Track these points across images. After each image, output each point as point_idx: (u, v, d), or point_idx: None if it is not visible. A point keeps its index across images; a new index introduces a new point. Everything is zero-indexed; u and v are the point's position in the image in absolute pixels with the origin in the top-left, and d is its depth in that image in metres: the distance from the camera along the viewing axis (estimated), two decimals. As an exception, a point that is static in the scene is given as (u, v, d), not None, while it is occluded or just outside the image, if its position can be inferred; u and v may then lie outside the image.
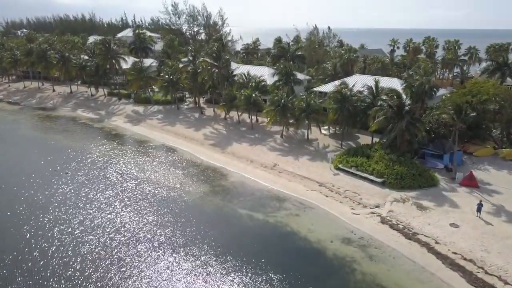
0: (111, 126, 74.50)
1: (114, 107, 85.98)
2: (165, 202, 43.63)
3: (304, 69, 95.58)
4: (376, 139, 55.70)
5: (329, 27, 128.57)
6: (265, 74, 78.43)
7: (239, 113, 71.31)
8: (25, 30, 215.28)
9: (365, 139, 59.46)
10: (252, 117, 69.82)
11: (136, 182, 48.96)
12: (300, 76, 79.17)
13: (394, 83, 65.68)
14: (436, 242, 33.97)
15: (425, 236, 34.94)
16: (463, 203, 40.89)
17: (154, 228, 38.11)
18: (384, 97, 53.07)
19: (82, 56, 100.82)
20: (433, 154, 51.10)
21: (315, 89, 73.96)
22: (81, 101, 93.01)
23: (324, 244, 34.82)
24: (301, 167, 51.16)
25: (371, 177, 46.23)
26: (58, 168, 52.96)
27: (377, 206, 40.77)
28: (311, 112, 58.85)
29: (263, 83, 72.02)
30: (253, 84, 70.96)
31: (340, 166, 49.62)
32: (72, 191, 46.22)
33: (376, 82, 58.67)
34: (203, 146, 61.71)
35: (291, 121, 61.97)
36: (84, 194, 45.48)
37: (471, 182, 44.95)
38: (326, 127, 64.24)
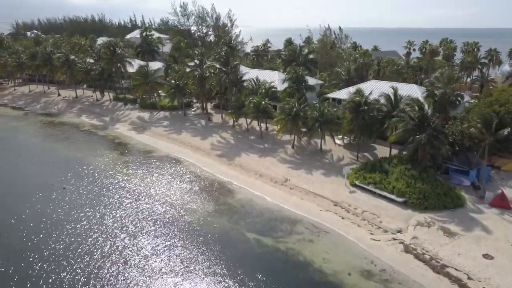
0: (114, 134, 71.57)
1: (119, 113, 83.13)
2: (164, 222, 40.35)
3: (316, 73, 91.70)
4: (394, 151, 51.76)
5: (340, 28, 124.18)
6: (276, 79, 74.85)
7: (248, 121, 67.84)
8: (35, 31, 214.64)
9: (382, 150, 55.49)
10: (262, 124, 66.35)
11: (135, 198, 45.78)
12: (312, 81, 75.46)
13: (413, 90, 61.69)
14: (469, 278, 30.08)
15: (455, 269, 31.07)
16: (495, 227, 36.85)
17: (149, 253, 34.89)
18: (404, 107, 49.11)
19: (87, 59, 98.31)
20: (458, 170, 47.01)
21: (328, 95, 70.25)
22: (86, 106, 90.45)
23: (341, 277, 31.16)
24: (315, 183, 47.45)
25: (391, 196, 42.34)
26: (53, 184, 49.76)
27: (399, 231, 36.91)
28: (325, 122, 55.15)
29: (273, 90, 68.55)
30: (263, 90, 67.48)
31: (357, 182, 45.79)
32: (64, 209, 43.09)
33: (395, 90, 54.60)
34: (209, 157, 58.36)
35: (303, 129, 58.31)
36: (75, 212, 42.34)
37: (502, 203, 40.83)
38: (341, 136, 60.37)
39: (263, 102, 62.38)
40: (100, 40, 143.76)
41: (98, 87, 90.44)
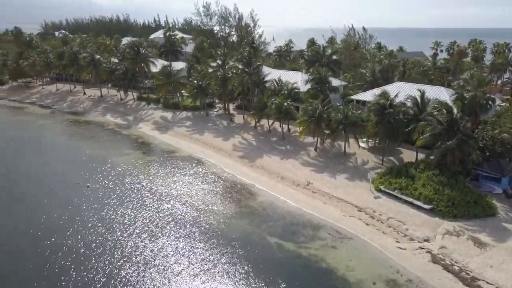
0: (138, 134, 72.19)
1: (142, 113, 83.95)
2: (185, 223, 40.24)
3: (340, 74, 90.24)
4: (421, 155, 50.20)
5: (364, 28, 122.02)
6: (298, 80, 73.97)
7: (270, 122, 67.22)
8: (63, 31, 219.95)
9: (408, 154, 53.89)
10: (284, 126, 65.61)
11: (156, 198, 45.91)
12: (335, 82, 74.24)
13: (440, 93, 59.76)
14: (502, 292, 28.63)
15: (487, 282, 29.64)
16: (529, 239, 35.03)
17: (169, 254, 34.88)
18: (432, 111, 47.53)
19: (112, 59, 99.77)
20: (489, 176, 45.08)
21: (352, 97, 68.90)
22: (111, 105, 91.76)
23: (365, 287, 30.21)
24: (338, 187, 46.43)
25: (418, 203, 40.93)
26: (77, 182, 50.40)
27: (426, 240, 35.55)
28: (349, 124, 54.02)
29: (295, 90, 67.73)
30: (285, 91, 66.76)
31: (382, 187, 44.53)
32: (87, 207, 43.59)
33: (422, 93, 52.92)
34: (231, 158, 58.04)
35: (326, 132, 57.26)
36: (98, 211, 42.79)
37: (537, 213, 38.86)
38: (365, 139, 59.00)
39: (286, 103, 61.65)
40: (125, 40, 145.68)
41: (122, 87, 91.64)
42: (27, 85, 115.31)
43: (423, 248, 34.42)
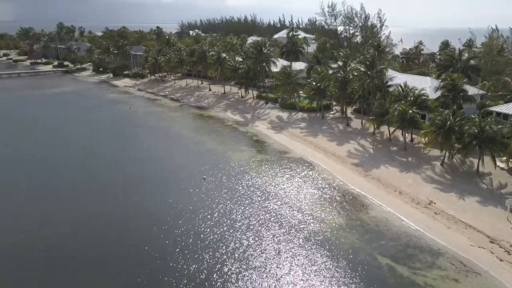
0: (254, 131, 73.99)
1: (260, 111, 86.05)
2: (290, 226, 39.46)
3: (478, 81, 79.82)
4: None
5: (511, 28, 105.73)
6: (427, 86, 67.39)
7: (391, 130, 62.53)
8: (197, 30, 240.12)
9: (562, 182, 44.68)
10: (407, 135, 60.38)
11: (264, 197, 46.13)
12: (471, 90, 65.80)
13: None
14: None
15: None
16: None
17: (271, 257, 34.45)
18: None
19: (237, 58, 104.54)
20: None
21: (492, 108, 60.10)
22: (232, 102, 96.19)
23: (493, 336, 25.53)
24: (466, 211, 40.62)
25: None
26: (196, 174, 53.27)
27: None
28: (485, 140, 47.04)
29: (423, 97, 61.67)
30: (411, 98, 61.29)
31: (524, 219, 37.61)
32: (200, 199, 45.66)
33: None
34: (344, 165, 55.50)
35: (457, 145, 50.83)
36: (209, 203, 44.42)
37: None
38: (504, 159, 50.78)
39: (411, 111, 56.60)
40: (250, 40, 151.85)
41: (244, 85, 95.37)
42: (162, 79, 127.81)
43: None
